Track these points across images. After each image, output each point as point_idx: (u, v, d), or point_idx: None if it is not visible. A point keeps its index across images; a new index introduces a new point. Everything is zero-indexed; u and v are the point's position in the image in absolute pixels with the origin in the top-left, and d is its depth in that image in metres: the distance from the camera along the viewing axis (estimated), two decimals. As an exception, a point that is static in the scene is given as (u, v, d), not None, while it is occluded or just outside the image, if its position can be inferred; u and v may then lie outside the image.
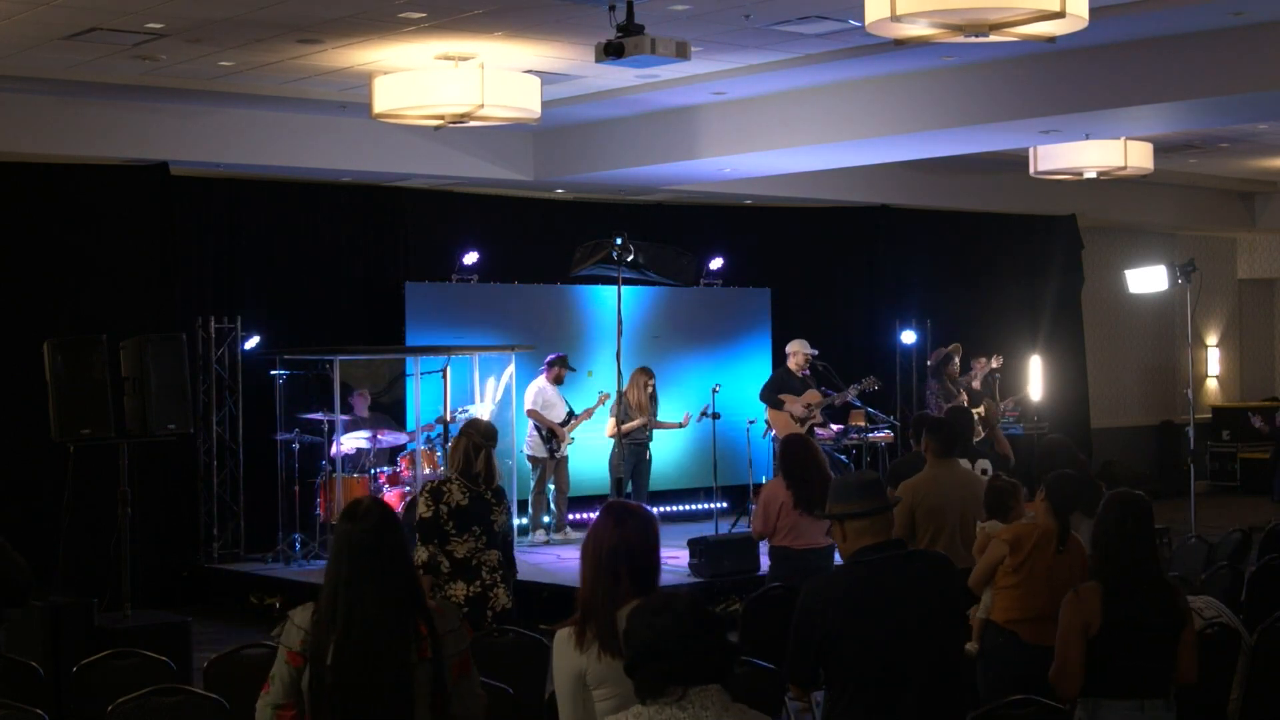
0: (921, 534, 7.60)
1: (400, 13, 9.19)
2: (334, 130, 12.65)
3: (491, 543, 7.19)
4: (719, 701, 3.55)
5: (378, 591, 3.99)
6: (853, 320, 16.69)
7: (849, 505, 4.69)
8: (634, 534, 4.27)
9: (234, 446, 12.79)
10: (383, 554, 4.04)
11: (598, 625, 4.18)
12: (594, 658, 4.16)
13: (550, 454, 13.22)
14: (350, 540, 4.05)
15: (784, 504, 8.42)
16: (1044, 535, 6.49)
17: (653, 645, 3.57)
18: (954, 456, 7.98)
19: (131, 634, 8.77)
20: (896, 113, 11.65)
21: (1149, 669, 5.17)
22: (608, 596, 4.21)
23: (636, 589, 4.20)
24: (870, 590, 4.54)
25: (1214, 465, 20.38)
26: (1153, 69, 10.29)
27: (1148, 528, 5.30)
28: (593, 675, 4.17)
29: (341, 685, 3.94)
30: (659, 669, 3.56)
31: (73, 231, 12.07)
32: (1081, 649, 5.14)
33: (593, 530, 4.34)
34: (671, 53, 8.27)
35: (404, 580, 4.06)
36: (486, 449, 7.13)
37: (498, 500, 7.21)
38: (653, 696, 3.56)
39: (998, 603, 6.53)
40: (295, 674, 4.02)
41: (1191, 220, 19.46)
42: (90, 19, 9.26)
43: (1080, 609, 5.17)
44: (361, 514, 4.09)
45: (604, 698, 4.16)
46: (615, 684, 4.14)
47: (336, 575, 4.05)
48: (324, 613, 4.02)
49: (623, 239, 11.74)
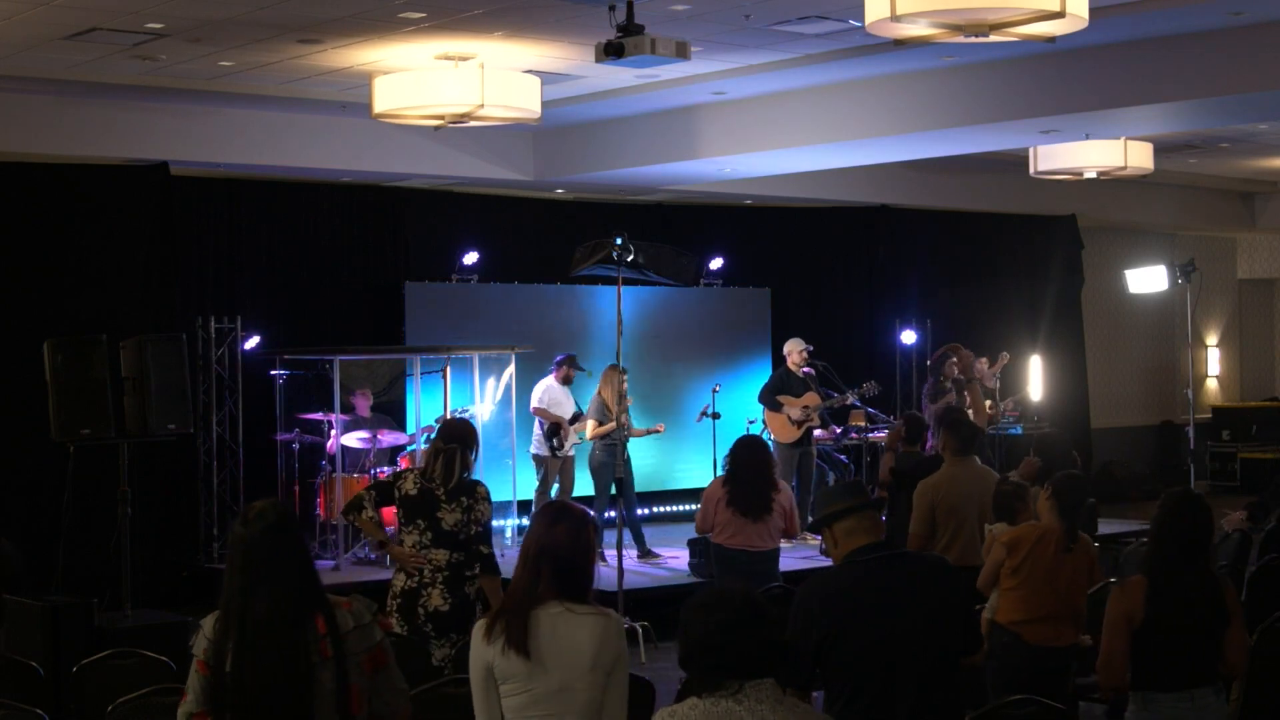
0: (942, 532, 7.64)
1: (400, 13, 9.19)
2: (334, 130, 12.65)
3: (439, 541, 6.96)
4: (773, 695, 3.62)
5: (269, 595, 3.98)
6: (853, 320, 16.69)
7: (832, 506, 4.72)
8: (562, 535, 4.27)
9: (234, 446, 12.79)
10: (275, 557, 4.02)
11: (508, 621, 4.20)
12: (499, 652, 4.18)
13: (552, 453, 13.16)
14: (241, 545, 4.05)
15: (719, 501, 8.59)
16: (1044, 536, 6.50)
17: (707, 640, 3.63)
18: (972, 454, 8.01)
19: (131, 634, 8.79)
20: (896, 113, 11.64)
21: (1195, 660, 5.21)
22: (526, 595, 4.23)
23: (559, 589, 4.22)
24: (866, 590, 4.55)
25: (1214, 465, 20.37)
26: (1153, 69, 10.29)
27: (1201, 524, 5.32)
28: (499, 670, 4.19)
29: (240, 691, 3.95)
30: (713, 662, 3.61)
31: (73, 231, 12.07)
32: (1125, 641, 5.17)
33: (529, 528, 4.39)
34: (671, 53, 8.27)
35: (298, 581, 4.03)
36: (447, 452, 7.04)
37: (450, 499, 6.99)
38: (709, 690, 3.61)
39: (1001, 604, 6.58)
40: (206, 682, 4.02)
41: (1191, 220, 19.46)
42: (90, 19, 9.26)
43: (1123, 602, 5.21)
44: (253, 517, 4.08)
45: (510, 693, 4.19)
46: (521, 681, 4.17)
47: (229, 581, 4.05)
48: (221, 620, 4.03)
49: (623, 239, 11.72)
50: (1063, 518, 6.51)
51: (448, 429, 7.32)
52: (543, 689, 4.16)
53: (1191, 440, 13.27)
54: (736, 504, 8.53)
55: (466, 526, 7.00)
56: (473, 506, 7.02)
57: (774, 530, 8.60)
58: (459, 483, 7.02)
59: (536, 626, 4.18)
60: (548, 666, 4.15)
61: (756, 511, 8.52)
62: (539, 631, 4.17)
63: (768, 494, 8.56)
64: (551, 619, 4.19)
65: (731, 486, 8.60)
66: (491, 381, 13.64)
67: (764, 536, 8.57)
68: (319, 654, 3.99)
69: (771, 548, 8.67)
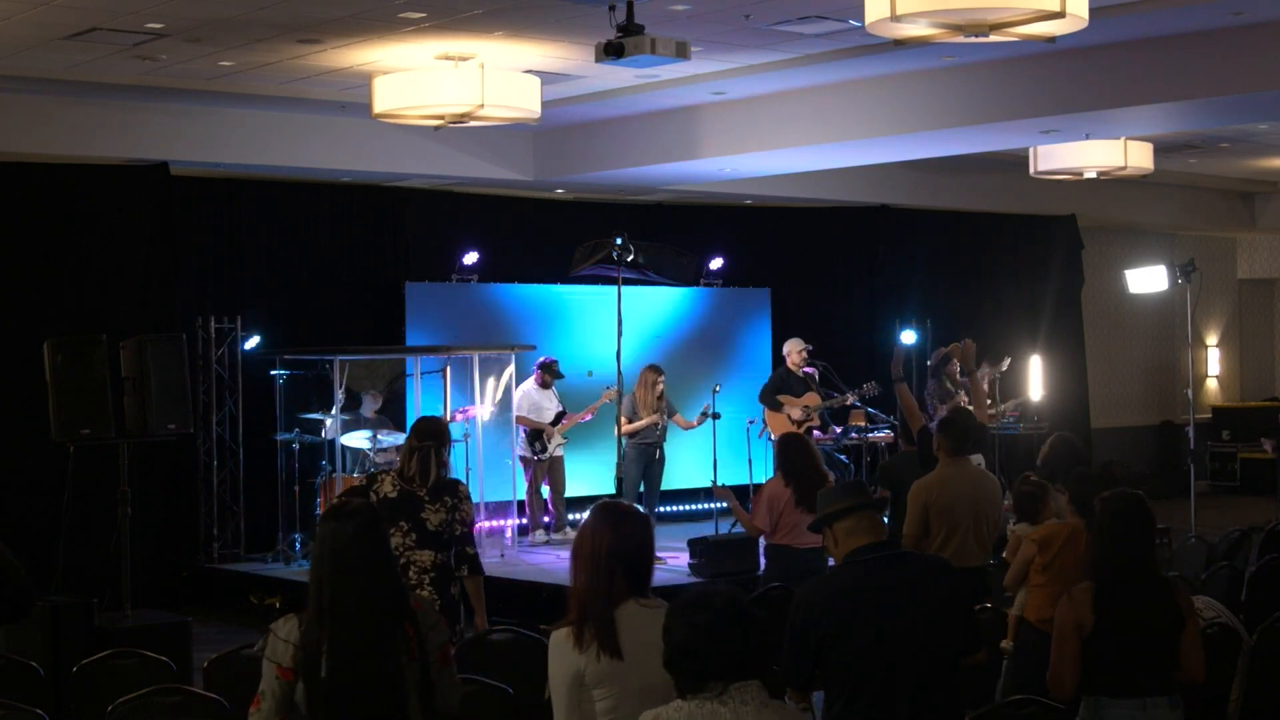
0: (935, 533, 7.62)
1: (400, 13, 9.18)
2: (334, 130, 12.65)
3: (424, 542, 6.80)
4: (759, 697, 3.62)
5: (361, 595, 3.96)
6: (853, 320, 16.69)
7: (832, 505, 4.71)
8: (630, 535, 4.30)
9: (234, 446, 12.79)
10: (368, 557, 4.00)
11: (596, 625, 4.19)
12: (592, 657, 4.16)
13: (535, 455, 13.16)
14: (334, 543, 4.01)
15: (786, 502, 8.46)
16: (1073, 534, 6.53)
17: (692, 641, 3.63)
18: (966, 455, 8.00)
19: (131, 634, 8.78)
20: (896, 113, 11.64)
21: (1148, 667, 5.15)
22: (605, 597, 4.22)
23: (632, 589, 4.25)
24: (866, 590, 4.54)
25: (1214, 465, 20.38)
26: (1153, 69, 10.29)
27: (1143, 526, 5.27)
28: (591, 675, 4.18)
29: (338, 694, 3.93)
30: (698, 665, 3.61)
31: (73, 231, 12.07)
32: (1075, 649, 5.12)
33: (588, 531, 4.33)
34: (671, 53, 8.27)
35: (391, 583, 4.05)
36: (421, 450, 6.95)
37: (433, 498, 6.84)
38: (694, 692, 3.61)
39: (1031, 601, 6.62)
40: (287, 688, 3.99)
41: (1191, 220, 19.46)
42: (90, 19, 9.26)
43: (1072, 609, 5.15)
44: (348, 514, 4.05)
45: (602, 697, 4.18)
46: (613, 683, 4.17)
47: (319, 580, 4.00)
48: (311, 622, 3.97)
49: (623, 239, 11.74)
50: (1082, 515, 6.52)
51: (421, 427, 7.16)
52: (630, 689, 4.16)
53: (1191, 440, 13.27)
54: (807, 503, 8.24)
55: (451, 526, 6.85)
56: (456, 506, 6.88)
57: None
58: (438, 481, 6.86)
59: (619, 626, 4.20)
60: (636, 666, 4.15)
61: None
62: (623, 631, 4.19)
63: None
64: (630, 617, 4.21)
65: (796, 485, 8.44)
66: (491, 381, 13.64)
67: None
68: (408, 654, 4.00)
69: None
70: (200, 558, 12.62)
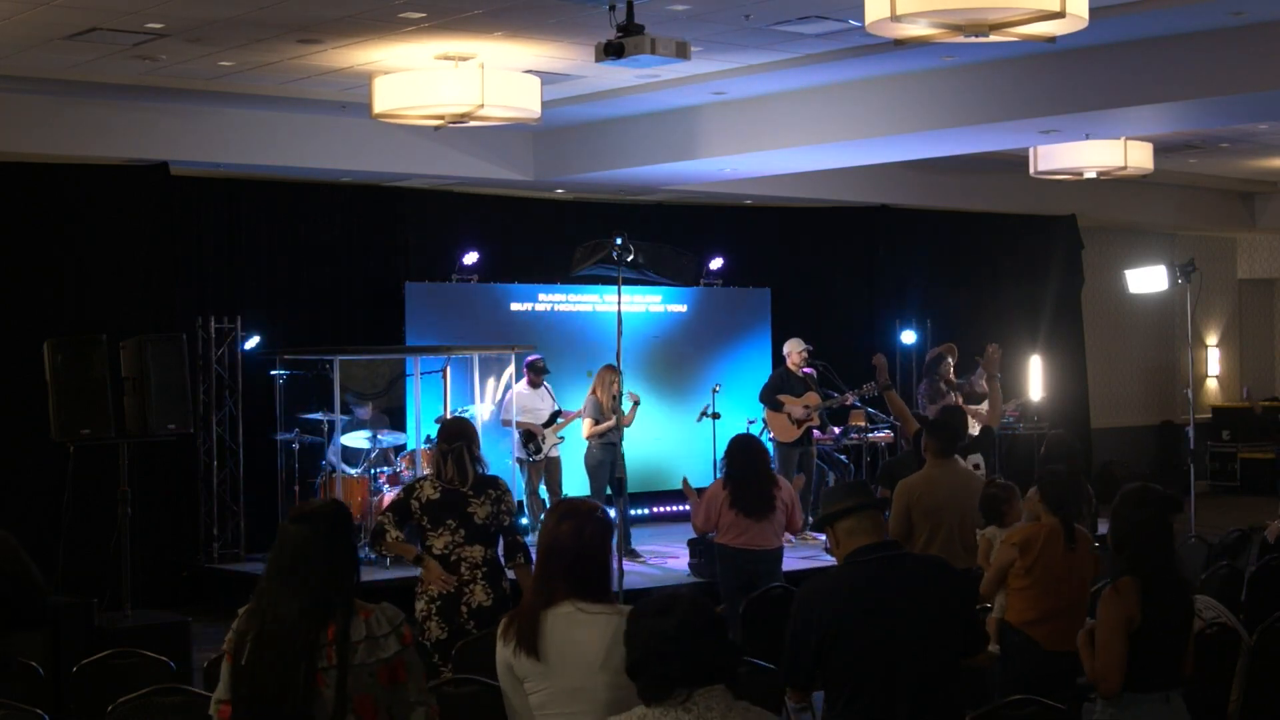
0: (918, 534, 7.59)
1: (400, 13, 9.18)
2: (334, 130, 12.65)
3: (473, 537, 6.91)
4: (724, 702, 3.55)
5: (296, 594, 4.01)
6: (853, 320, 16.68)
7: (834, 505, 4.71)
8: (567, 533, 4.22)
9: (234, 446, 12.79)
10: (310, 558, 4.05)
11: (520, 623, 4.19)
12: (512, 652, 4.18)
13: (529, 458, 13.13)
14: (284, 541, 4.10)
15: (722, 502, 8.62)
16: (1051, 533, 6.50)
17: (655, 647, 3.57)
18: (953, 456, 7.99)
19: (131, 634, 8.79)
20: (896, 113, 11.64)
21: (1173, 662, 5.20)
22: (536, 595, 4.21)
23: (570, 589, 4.17)
24: (867, 590, 4.54)
25: (1214, 465, 20.38)
26: (1153, 69, 10.29)
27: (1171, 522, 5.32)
28: (518, 669, 4.19)
29: (249, 684, 4.00)
30: (662, 671, 3.55)
31: (73, 231, 12.07)
32: (1124, 644, 5.08)
33: (541, 529, 4.36)
34: (671, 53, 8.27)
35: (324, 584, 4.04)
36: (453, 452, 7.01)
37: (477, 493, 6.94)
38: (657, 699, 3.55)
39: (1013, 604, 6.56)
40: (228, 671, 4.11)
41: (1191, 220, 19.46)
42: (90, 19, 9.26)
43: (1122, 605, 5.11)
44: (302, 517, 4.11)
45: (533, 690, 4.18)
46: (540, 680, 4.15)
47: (267, 575, 4.12)
48: (249, 613, 4.09)
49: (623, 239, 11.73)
50: (1054, 514, 6.51)
51: (448, 429, 7.27)
52: (557, 689, 4.13)
53: (1191, 440, 13.26)
54: (739, 505, 8.53)
55: (498, 518, 6.96)
56: (500, 498, 6.98)
57: (778, 529, 8.61)
58: (478, 478, 6.99)
59: (546, 627, 4.14)
60: (558, 667, 4.12)
61: (760, 511, 8.53)
62: (548, 633, 4.14)
63: (769, 492, 8.57)
64: (561, 619, 4.15)
65: (732, 487, 8.60)
66: (491, 381, 13.64)
67: (767, 536, 8.58)
68: (325, 659, 3.99)
69: (775, 547, 8.68)
70: (200, 558, 12.62)
